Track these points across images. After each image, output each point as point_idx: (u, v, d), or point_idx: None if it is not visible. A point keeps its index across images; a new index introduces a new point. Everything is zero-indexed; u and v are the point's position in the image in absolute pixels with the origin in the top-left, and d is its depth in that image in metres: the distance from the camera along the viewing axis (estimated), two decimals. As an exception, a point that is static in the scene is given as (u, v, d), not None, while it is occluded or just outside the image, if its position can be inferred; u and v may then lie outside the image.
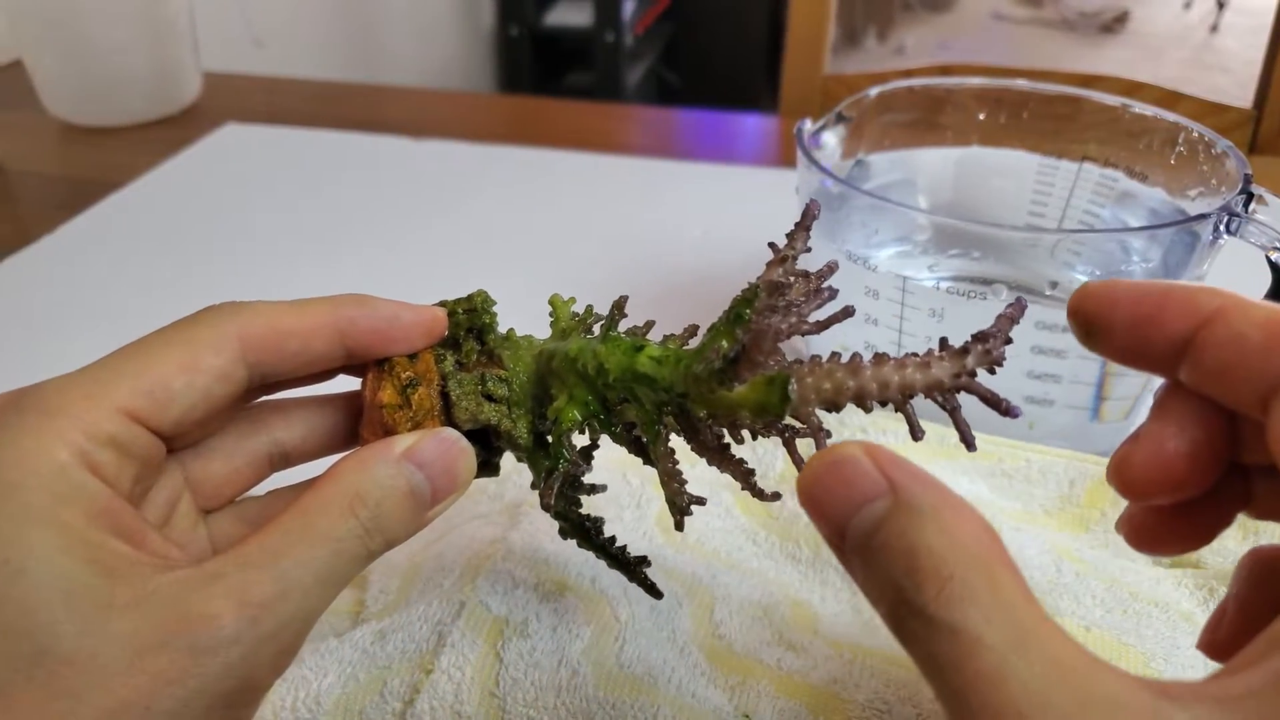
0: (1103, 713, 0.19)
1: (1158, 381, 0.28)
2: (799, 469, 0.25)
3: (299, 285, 0.69)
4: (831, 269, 0.30)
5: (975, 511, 0.22)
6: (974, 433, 0.27)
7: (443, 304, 0.35)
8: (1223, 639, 0.28)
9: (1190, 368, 0.25)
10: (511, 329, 0.35)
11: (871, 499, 0.23)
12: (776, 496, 0.31)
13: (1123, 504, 0.28)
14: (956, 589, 0.21)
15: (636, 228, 0.75)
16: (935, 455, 0.46)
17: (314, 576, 0.27)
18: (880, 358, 0.26)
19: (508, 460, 0.36)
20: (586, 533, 0.36)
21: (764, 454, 0.47)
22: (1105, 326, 0.26)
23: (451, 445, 0.31)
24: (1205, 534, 0.28)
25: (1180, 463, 0.26)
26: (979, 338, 0.25)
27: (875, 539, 0.22)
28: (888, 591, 0.22)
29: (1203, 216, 0.45)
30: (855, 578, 0.24)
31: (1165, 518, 0.28)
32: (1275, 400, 0.23)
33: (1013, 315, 0.26)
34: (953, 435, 0.47)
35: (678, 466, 0.31)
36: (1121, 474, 0.27)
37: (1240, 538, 0.43)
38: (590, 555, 0.37)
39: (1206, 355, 0.24)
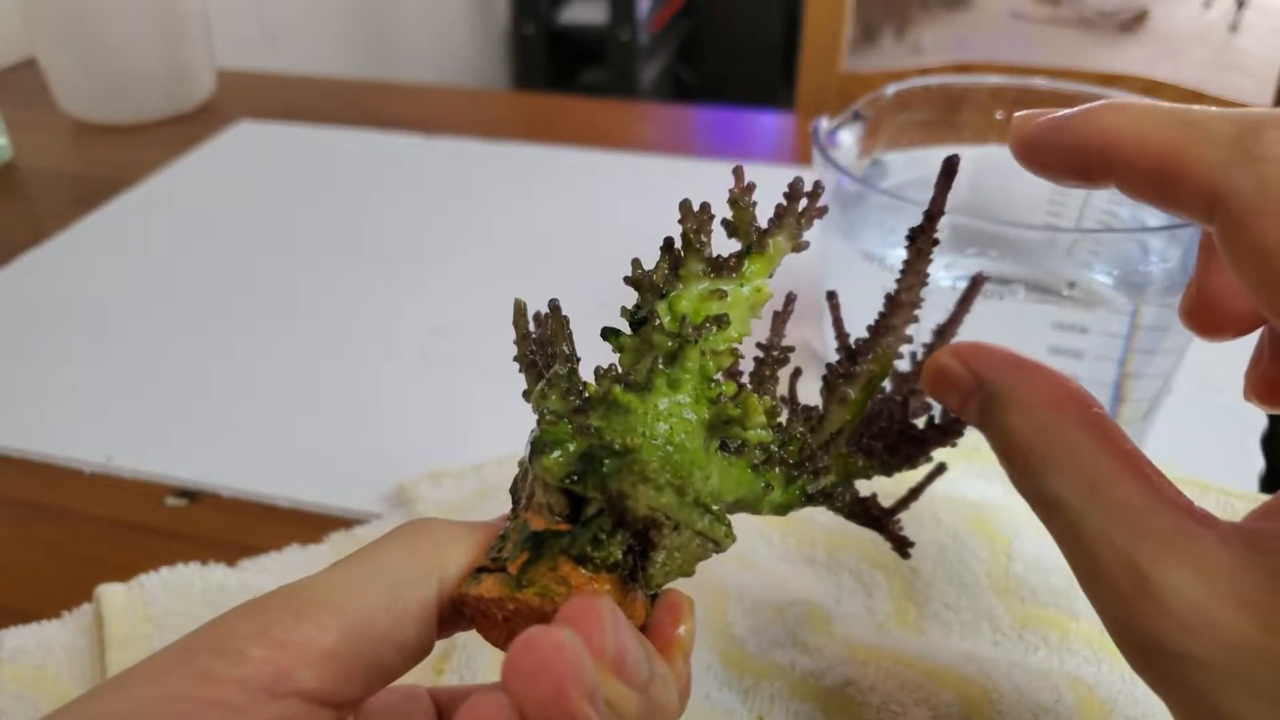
0: (1150, 542, 0.21)
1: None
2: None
3: (312, 282, 0.69)
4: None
5: (1053, 378, 0.25)
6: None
7: None
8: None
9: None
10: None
11: (971, 394, 0.26)
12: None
13: None
14: (1036, 460, 0.24)
15: (651, 225, 0.74)
16: (953, 457, 0.45)
17: None
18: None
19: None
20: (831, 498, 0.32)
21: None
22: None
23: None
24: None
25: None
26: None
27: (983, 425, 0.26)
28: (1004, 468, 0.25)
29: (1224, 216, 0.44)
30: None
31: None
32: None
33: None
34: (970, 436, 0.46)
35: None
36: (1192, 319, 0.29)
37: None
38: None
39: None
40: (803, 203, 0.29)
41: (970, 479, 0.45)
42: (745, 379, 0.31)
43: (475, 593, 0.25)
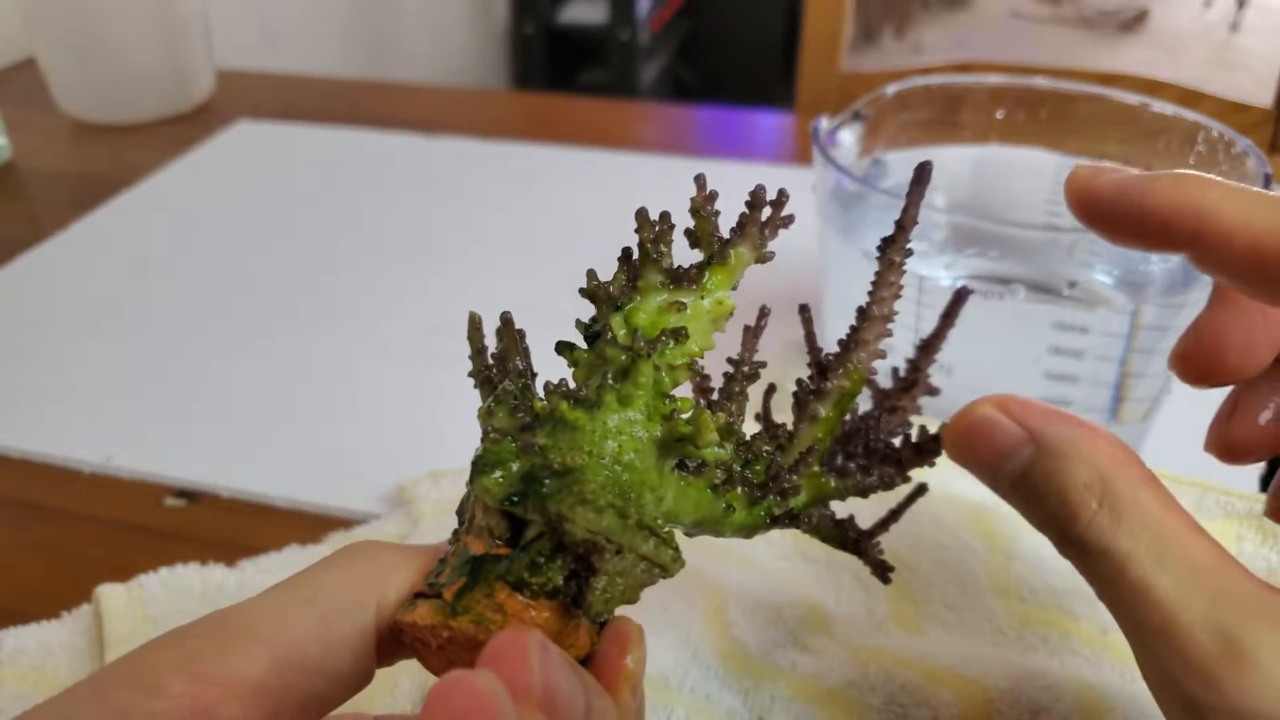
0: (1233, 605, 0.21)
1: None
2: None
3: (312, 282, 0.69)
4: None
5: (1109, 435, 0.24)
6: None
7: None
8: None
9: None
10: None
11: (1016, 449, 0.25)
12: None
13: None
14: (1105, 515, 0.23)
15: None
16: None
17: None
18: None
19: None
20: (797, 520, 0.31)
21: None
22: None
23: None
24: None
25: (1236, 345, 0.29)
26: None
27: (1026, 483, 0.25)
28: (1049, 526, 0.25)
29: (1224, 216, 0.44)
30: (1017, 510, 0.26)
31: (1244, 421, 0.30)
32: None
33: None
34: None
35: None
36: (1187, 365, 0.30)
37: (1260, 540, 0.42)
38: None
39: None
40: (766, 211, 0.28)
41: (969, 479, 0.45)
42: (715, 396, 0.30)
43: (409, 619, 0.24)
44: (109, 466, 0.52)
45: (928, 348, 0.32)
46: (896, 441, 0.30)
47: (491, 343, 0.30)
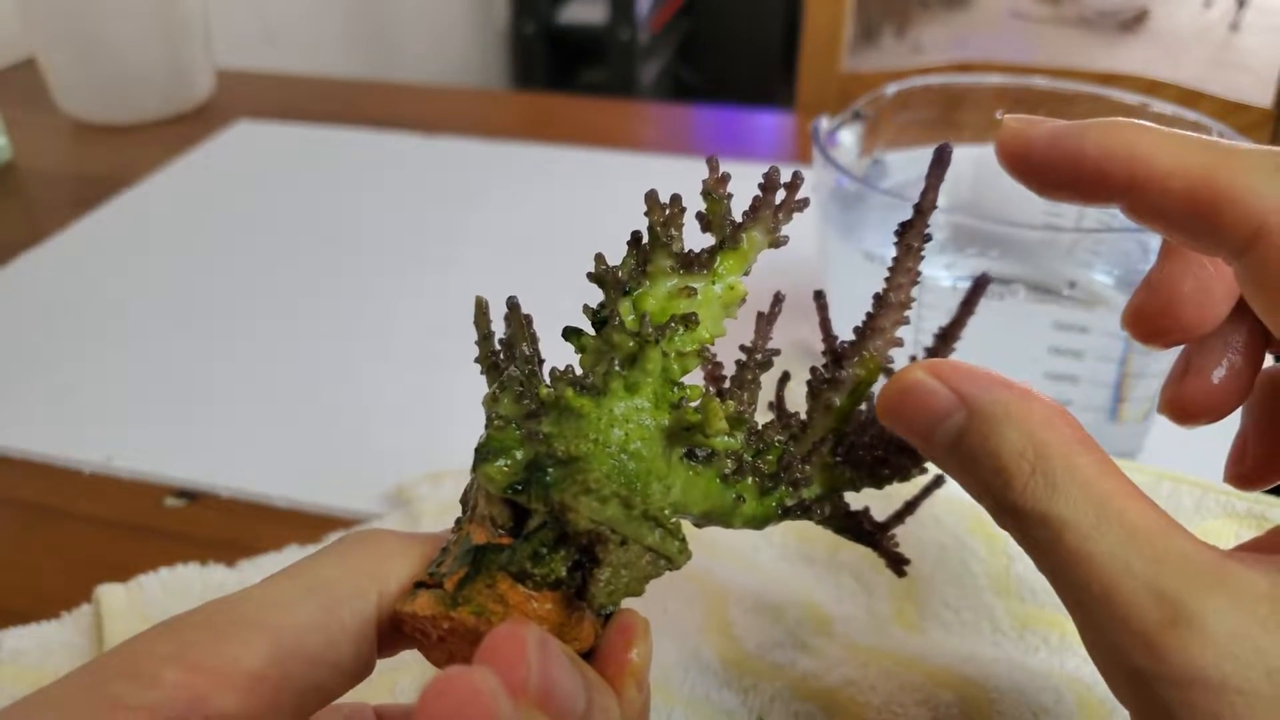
0: (1175, 569, 0.21)
1: None
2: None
3: (312, 282, 0.69)
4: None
5: (1044, 399, 0.24)
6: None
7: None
8: (1249, 470, 0.29)
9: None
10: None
11: (948, 415, 0.25)
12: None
13: None
14: (1039, 480, 0.23)
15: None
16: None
17: None
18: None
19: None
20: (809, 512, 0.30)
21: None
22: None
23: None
24: (1239, 385, 0.28)
25: (1189, 302, 0.27)
26: None
27: (960, 448, 0.24)
28: (984, 492, 0.24)
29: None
30: (954, 479, 0.26)
31: (1198, 379, 0.28)
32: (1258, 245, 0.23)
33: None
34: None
35: None
36: (1140, 323, 0.28)
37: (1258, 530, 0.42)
38: None
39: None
40: (780, 194, 0.27)
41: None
42: (728, 384, 0.30)
43: (409, 610, 0.24)
44: (109, 466, 0.52)
45: (947, 337, 0.31)
46: None
47: (499, 330, 0.29)
